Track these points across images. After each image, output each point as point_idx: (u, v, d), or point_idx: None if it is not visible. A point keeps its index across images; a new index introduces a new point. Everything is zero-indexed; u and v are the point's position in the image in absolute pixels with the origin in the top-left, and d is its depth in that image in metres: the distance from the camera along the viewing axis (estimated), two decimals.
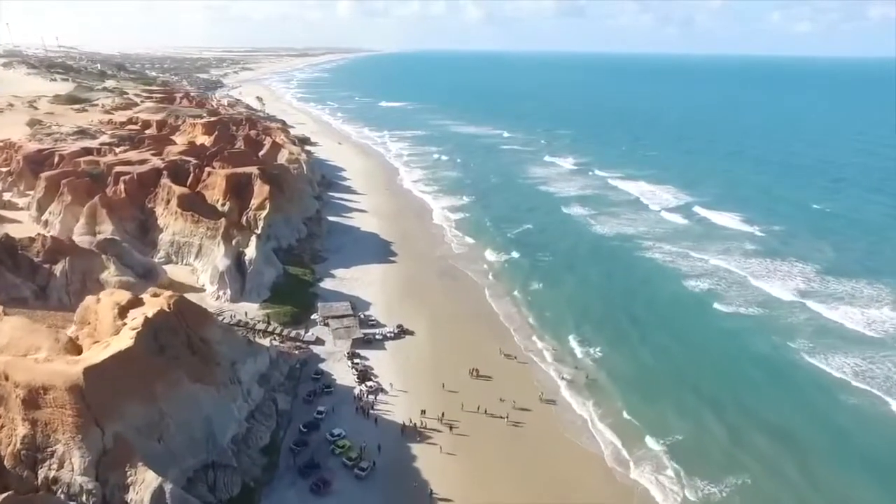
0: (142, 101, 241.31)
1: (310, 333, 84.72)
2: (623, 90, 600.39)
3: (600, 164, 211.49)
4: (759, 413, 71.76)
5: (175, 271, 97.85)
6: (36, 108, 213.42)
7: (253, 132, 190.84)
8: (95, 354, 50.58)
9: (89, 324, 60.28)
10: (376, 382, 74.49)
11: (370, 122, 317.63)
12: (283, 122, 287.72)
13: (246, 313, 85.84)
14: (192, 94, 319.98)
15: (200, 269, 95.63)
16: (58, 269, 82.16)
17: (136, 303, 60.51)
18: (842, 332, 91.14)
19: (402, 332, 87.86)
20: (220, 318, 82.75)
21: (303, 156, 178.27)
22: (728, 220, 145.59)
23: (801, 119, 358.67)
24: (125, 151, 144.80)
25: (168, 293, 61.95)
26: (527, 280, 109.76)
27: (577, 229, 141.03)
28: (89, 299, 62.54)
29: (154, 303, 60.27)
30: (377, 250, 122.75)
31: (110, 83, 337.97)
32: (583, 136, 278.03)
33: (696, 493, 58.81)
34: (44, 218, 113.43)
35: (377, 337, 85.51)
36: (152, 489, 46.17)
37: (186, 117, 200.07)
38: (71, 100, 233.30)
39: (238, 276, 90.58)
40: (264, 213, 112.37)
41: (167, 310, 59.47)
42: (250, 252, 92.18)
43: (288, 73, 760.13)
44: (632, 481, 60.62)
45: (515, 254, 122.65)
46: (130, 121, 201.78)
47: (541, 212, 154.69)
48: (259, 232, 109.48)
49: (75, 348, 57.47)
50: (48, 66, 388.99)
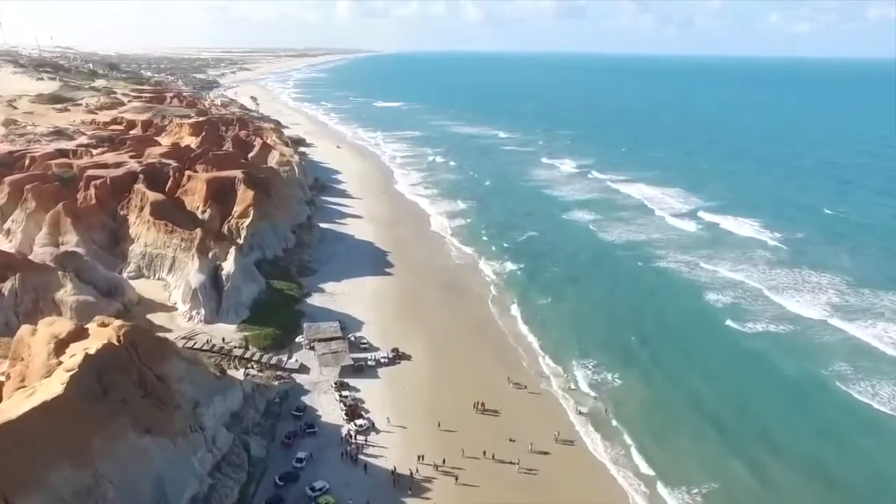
0: (129, 101, 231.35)
1: (293, 359, 75.04)
2: (623, 91, 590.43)
3: (601, 165, 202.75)
4: (791, 450, 62.77)
5: (146, 287, 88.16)
6: (15, 108, 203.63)
7: (243, 133, 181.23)
8: (14, 407, 40.89)
9: (22, 359, 50.56)
10: (367, 419, 64.81)
11: (367, 122, 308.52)
12: (278, 123, 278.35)
13: (224, 339, 75.96)
14: (184, 94, 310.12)
15: (174, 285, 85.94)
16: (6, 287, 72.51)
17: (78, 334, 50.83)
18: (874, 354, 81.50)
19: (397, 357, 78.18)
20: (192, 342, 73.30)
21: (295, 158, 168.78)
22: (736, 225, 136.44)
23: (802, 119, 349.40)
24: (103, 153, 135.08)
25: (118, 323, 52.21)
26: (533, 294, 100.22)
27: (581, 237, 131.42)
28: (24, 330, 52.84)
29: (100, 334, 50.62)
30: (372, 261, 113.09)
31: (100, 83, 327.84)
32: (583, 137, 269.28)
33: None
34: (6, 227, 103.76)
35: (369, 363, 75.86)
36: None
37: (173, 117, 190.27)
38: (53, 99, 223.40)
39: (214, 294, 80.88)
40: (248, 220, 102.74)
41: (116, 343, 49.85)
42: (228, 266, 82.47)
43: (286, 73, 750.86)
44: None
45: (519, 264, 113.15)
46: (115, 121, 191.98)
47: (543, 217, 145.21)
48: (241, 242, 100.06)
49: None
50: (37, 65, 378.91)
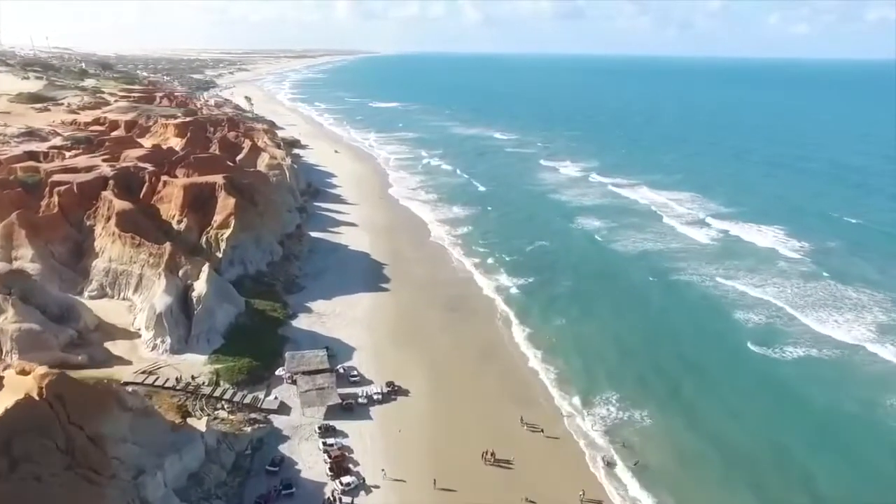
0: (116, 101, 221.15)
1: (272, 397, 64.81)
2: (622, 92, 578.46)
3: (603, 168, 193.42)
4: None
5: (108, 309, 77.77)
6: None
7: (232, 134, 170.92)
8: None
9: None
10: (356, 475, 54.50)
11: (365, 123, 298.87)
12: (272, 124, 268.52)
13: (193, 377, 65.40)
14: (176, 94, 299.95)
15: (139, 307, 75.59)
16: None
17: None
18: None
19: (392, 392, 67.91)
20: (153, 378, 62.95)
21: (287, 161, 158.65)
22: (751, 233, 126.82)
23: (803, 121, 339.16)
24: (76, 156, 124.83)
25: (41, 370, 41.92)
26: (544, 314, 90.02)
27: (590, 247, 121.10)
28: None
29: (17, 386, 40.39)
30: (366, 275, 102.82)
31: (89, 82, 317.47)
32: (583, 139, 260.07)
33: None
34: None
35: (360, 400, 65.56)
36: None
37: (158, 118, 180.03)
38: (34, 98, 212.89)
39: (182, 319, 70.55)
40: (228, 231, 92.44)
41: (37, 398, 39.67)
42: (200, 286, 72.14)
43: (284, 74, 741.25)
44: None
45: (527, 278, 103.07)
46: (97, 121, 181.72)
47: (548, 225, 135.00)
48: (221, 255, 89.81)
49: None
50: (25, 64, 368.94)
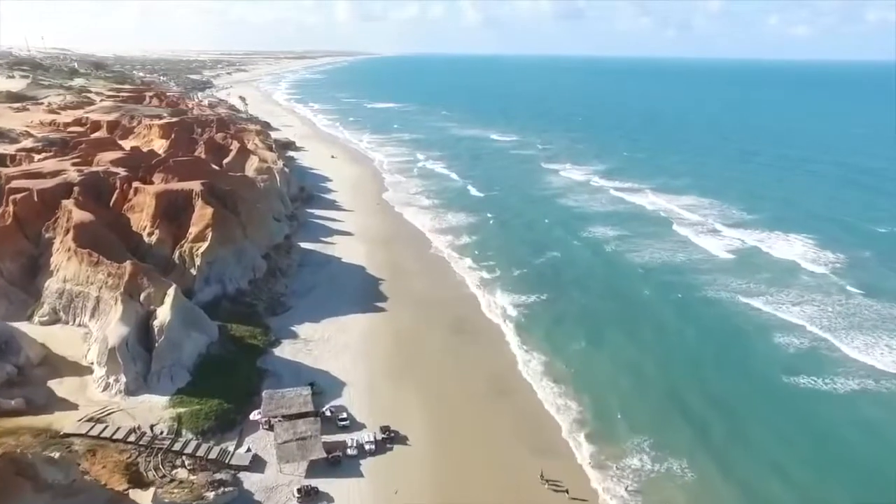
0: (102, 101, 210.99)
1: (244, 448, 54.43)
2: (623, 93, 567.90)
3: (606, 172, 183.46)
4: None
5: (60, 337, 67.30)
6: None
7: (220, 135, 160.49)
8: None
9: None
10: None
11: (362, 124, 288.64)
12: (267, 124, 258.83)
13: (151, 426, 55.02)
14: (167, 94, 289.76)
15: (95, 336, 65.11)
16: None
17: None
18: None
19: (388, 440, 57.55)
20: (101, 428, 52.54)
21: (278, 164, 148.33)
22: (769, 244, 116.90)
23: (806, 122, 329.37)
24: (45, 159, 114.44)
25: None
26: (560, 337, 79.90)
27: (604, 260, 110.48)
28: None
29: None
30: (361, 292, 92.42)
31: (78, 82, 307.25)
32: (585, 140, 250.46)
33: None
34: None
35: (349, 451, 55.17)
36: None
37: (142, 118, 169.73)
38: (13, 98, 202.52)
39: (141, 353, 60.09)
40: (204, 245, 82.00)
41: None
42: (163, 313, 61.71)
43: (283, 74, 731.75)
44: None
45: (539, 294, 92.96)
46: (79, 122, 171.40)
47: (557, 234, 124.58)
48: (195, 273, 79.43)
49: None
50: (13, 63, 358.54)
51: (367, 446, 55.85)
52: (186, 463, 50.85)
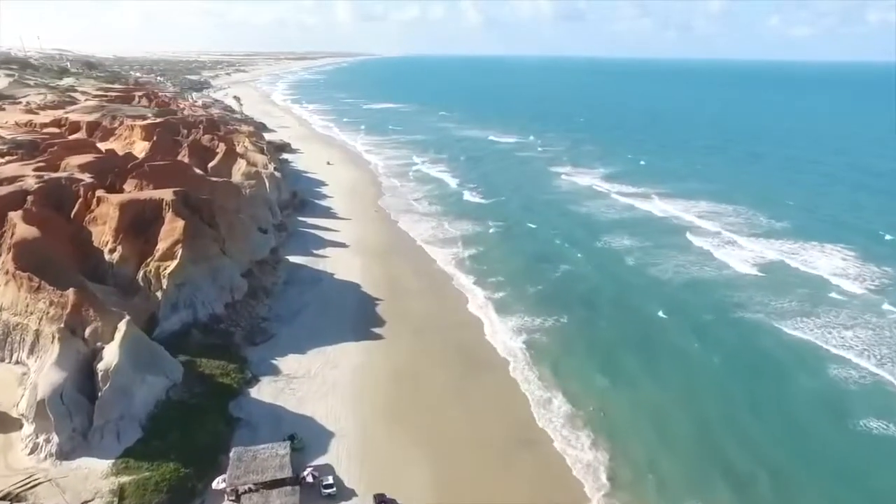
0: (86, 100, 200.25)
1: None
2: (624, 94, 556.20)
3: (611, 176, 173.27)
4: None
5: None
6: None
7: (207, 137, 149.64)
8: None
9: None
10: None
11: (362, 126, 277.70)
12: (262, 125, 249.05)
13: (85, 502, 44.27)
14: (158, 94, 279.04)
15: (32, 380, 54.10)
16: None
17: None
18: None
19: None
20: None
21: (269, 168, 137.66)
22: (796, 258, 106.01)
23: (810, 123, 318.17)
24: (8, 163, 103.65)
25: None
26: (585, 372, 69.15)
27: (623, 275, 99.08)
28: None
29: None
30: (354, 315, 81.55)
31: (67, 81, 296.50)
32: (587, 141, 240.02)
33: None
34: None
35: None
36: None
37: (124, 118, 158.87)
38: None
39: (83, 403, 49.19)
40: (173, 264, 71.15)
41: None
42: (110, 353, 50.83)
43: (282, 75, 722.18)
44: None
45: (559, 317, 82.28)
46: (57, 122, 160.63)
47: (570, 245, 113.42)
48: (161, 297, 68.58)
49: None
50: (0, 62, 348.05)
51: None
52: None
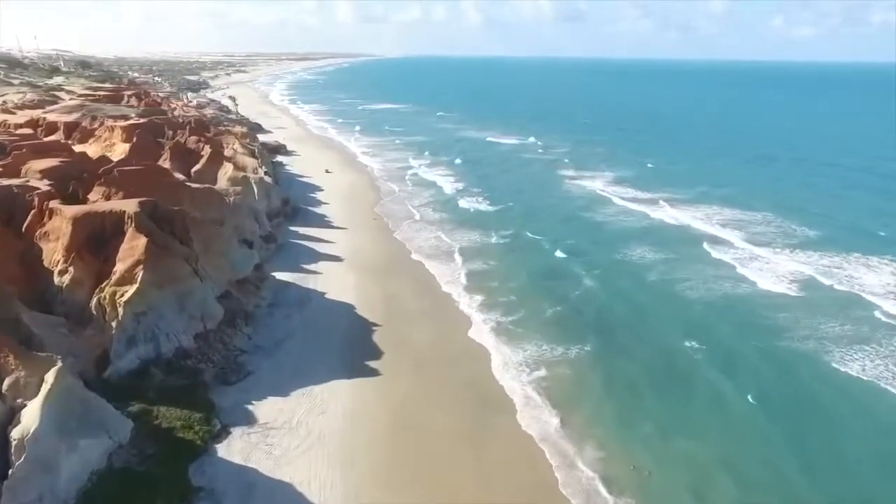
0: (71, 99, 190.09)
1: None
2: (627, 94, 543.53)
3: (617, 180, 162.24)
4: None
5: None
6: None
7: (192, 139, 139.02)
8: None
9: None
10: None
11: (361, 127, 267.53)
12: (258, 126, 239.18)
13: None
14: (150, 93, 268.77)
15: None
16: None
17: None
18: None
19: None
20: None
21: (258, 173, 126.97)
22: (833, 277, 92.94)
23: (817, 124, 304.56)
24: None
25: None
26: (615, 418, 57.48)
27: (641, 296, 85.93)
28: None
29: None
30: (347, 345, 70.70)
31: (57, 80, 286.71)
32: (591, 144, 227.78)
33: None
34: None
35: None
36: None
37: (105, 118, 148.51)
38: None
39: None
40: (132, 289, 60.39)
41: None
42: (29, 416, 40.08)
43: (282, 75, 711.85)
44: None
45: (582, 346, 70.91)
46: (35, 123, 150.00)
47: (587, 259, 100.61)
48: (115, 329, 57.84)
49: None
50: None
51: None
52: None
